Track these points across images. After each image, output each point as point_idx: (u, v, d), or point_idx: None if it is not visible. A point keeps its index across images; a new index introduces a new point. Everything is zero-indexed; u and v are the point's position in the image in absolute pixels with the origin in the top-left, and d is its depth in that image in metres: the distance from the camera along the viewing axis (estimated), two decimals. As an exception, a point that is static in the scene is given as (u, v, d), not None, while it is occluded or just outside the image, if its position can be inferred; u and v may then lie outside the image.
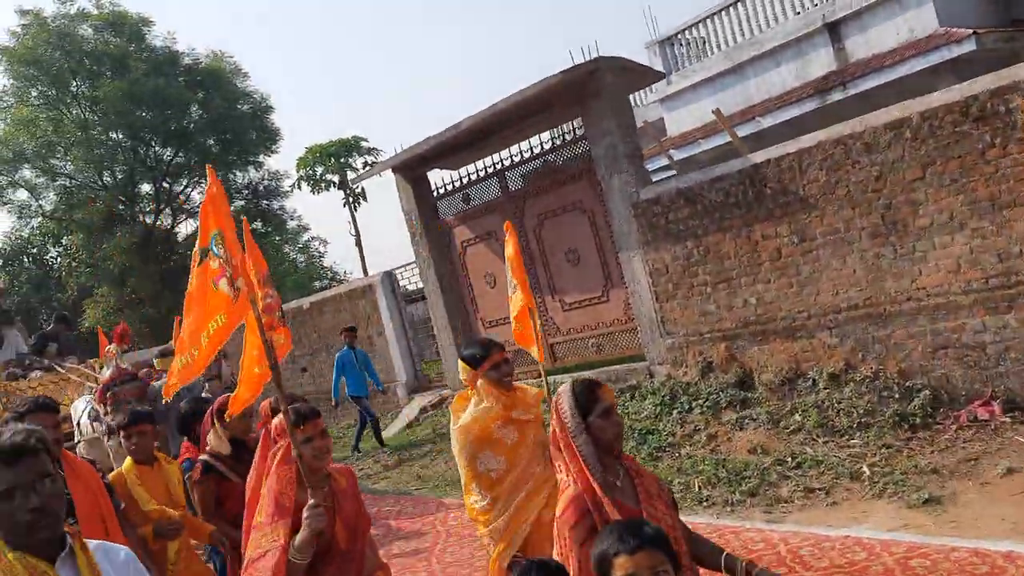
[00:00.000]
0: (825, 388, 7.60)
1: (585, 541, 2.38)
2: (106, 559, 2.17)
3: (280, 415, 3.25)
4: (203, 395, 8.58)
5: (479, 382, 3.80)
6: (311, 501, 2.99)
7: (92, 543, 2.17)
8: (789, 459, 6.86)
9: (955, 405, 6.90)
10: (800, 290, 7.93)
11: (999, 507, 5.34)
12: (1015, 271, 6.51)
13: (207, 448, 4.45)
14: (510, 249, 4.97)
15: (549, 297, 10.95)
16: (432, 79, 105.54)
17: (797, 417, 7.48)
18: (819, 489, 6.32)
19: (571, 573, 2.40)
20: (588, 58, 9.54)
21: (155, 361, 8.35)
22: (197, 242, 3.31)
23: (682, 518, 6.07)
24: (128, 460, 4.60)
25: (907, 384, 7.18)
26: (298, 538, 2.94)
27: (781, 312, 8.11)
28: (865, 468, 6.35)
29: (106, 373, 7.86)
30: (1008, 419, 6.50)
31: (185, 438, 5.15)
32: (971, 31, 10.51)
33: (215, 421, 4.44)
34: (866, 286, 7.45)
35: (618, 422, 2.65)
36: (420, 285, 13.81)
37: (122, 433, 4.61)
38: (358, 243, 32.04)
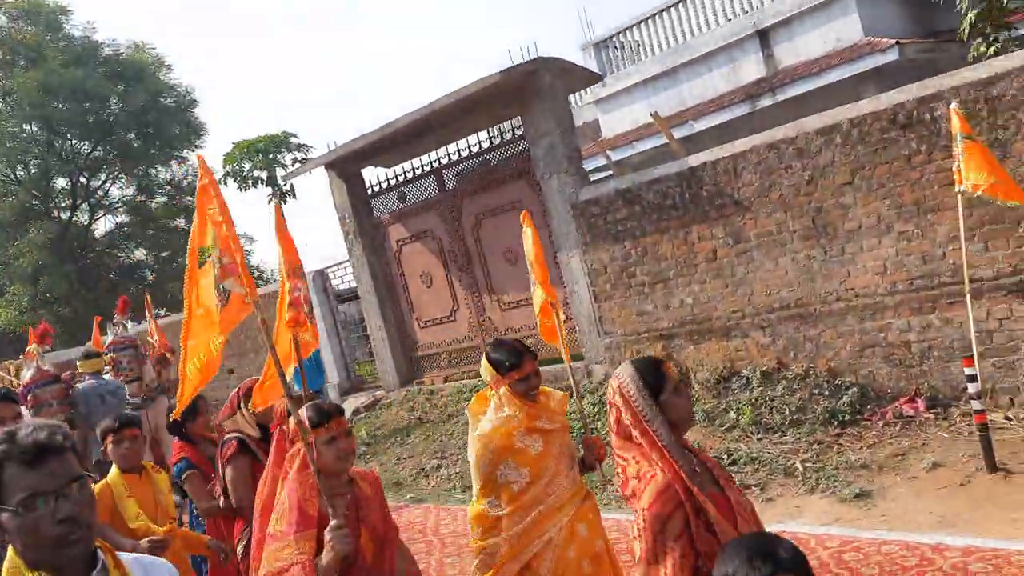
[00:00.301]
0: (758, 386, 7.78)
1: (680, 535, 2.20)
2: None
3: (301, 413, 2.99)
4: (128, 400, 8.28)
5: (502, 389, 3.47)
6: (334, 521, 2.69)
7: (127, 558, 1.87)
8: (725, 456, 6.99)
9: (882, 402, 7.14)
10: (734, 290, 8.09)
11: (926, 501, 5.55)
12: (938, 273, 6.78)
13: (231, 430, 4.21)
14: (529, 242, 4.60)
15: (487, 296, 10.93)
16: (366, 78, 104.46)
17: (732, 415, 7.64)
18: (754, 485, 6.45)
19: (667, 570, 2.20)
20: (527, 58, 9.56)
21: (78, 363, 8.01)
22: (193, 239, 3.01)
23: (622, 517, 6.10)
24: (114, 470, 4.22)
25: (836, 382, 7.41)
26: (323, 560, 2.67)
27: (716, 312, 8.26)
28: (798, 464, 6.53)
29: (27, 375, 7.51)
30: (932, 415, 6.77)
31: (175, 438, 4.86)
32: (894, 41, 10.91)
33: (241, 405, 4.20)
34: (797, 287, 7.66)
35: (689, 395, 2.46)
36: (353, 284, 13.62)
37: (110, 439, 4.23)
38: (286, 241, 31.37)
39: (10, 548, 1.74)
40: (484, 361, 3.58)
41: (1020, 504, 5.13)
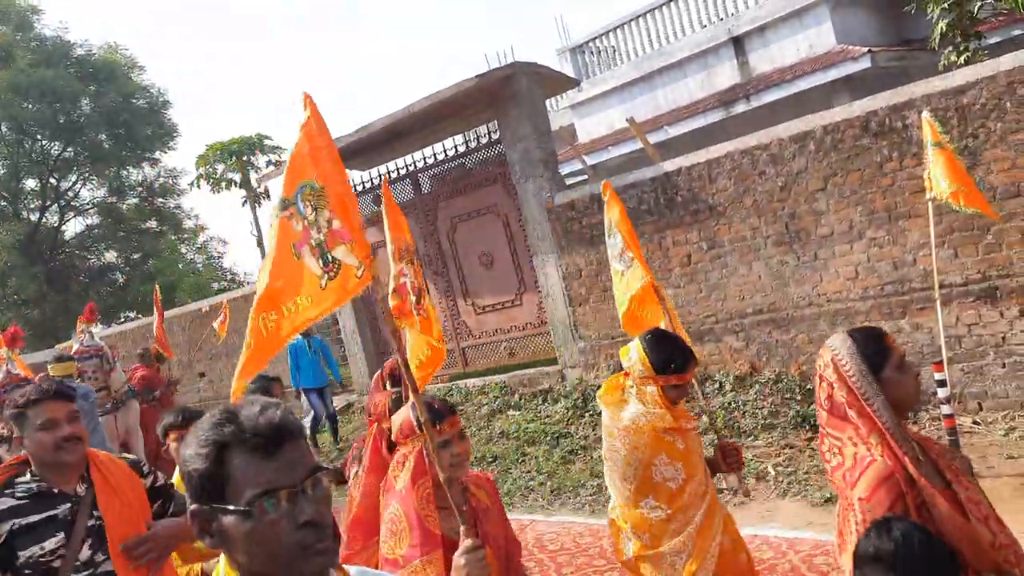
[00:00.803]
0: (732, 390, 7.82)
1: None
2: None
3: (407, 412, 2.52)
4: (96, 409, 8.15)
5: (651, 387, 3.03)
6: (469, 541, 2.13)
7: (353, 571, 1.54)
8: (698, 460, 7.02)
9: (853, 406, 7.19)
10: (708, 295, 8.13)
11: (896, 504, 5.59)
12: (908, 279, 6.85)
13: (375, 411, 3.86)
14: (616, 213, 4.09)
15: (462, 301, 10.90)
16: (343, 82, 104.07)
17: (705, 419, 7.65)
18: (727, 489, 6.48)
19: None
20: (504, 63, 9.56)
21: (49, 367, 7.87)
22: (282, 189, 2.51)
23: (595, 521, 6.08)
24: (178, 475, 3.79)
25: (808, 386, 7.45)
26: None
27: (690, 316, 8.29)
28: (770, 468, 6.56)
29: (-4, 378, 7.34)
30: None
31: None
32: (866, 49, 11.04)
33: (387, 386, 3.79)
34: (770, 292, 7.70)
35: (917, 373, 2.17)
36: (327, 288, 13.52)
37: (173, 435, 3.68)
38: (260, 244, 31.20)
39: (222, 560, 1.39)
40: (638, 350, 3.10)
41: (988, 507, 5.19)
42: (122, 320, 25.92)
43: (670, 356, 3.03)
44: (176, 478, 3.53)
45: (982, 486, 5.68)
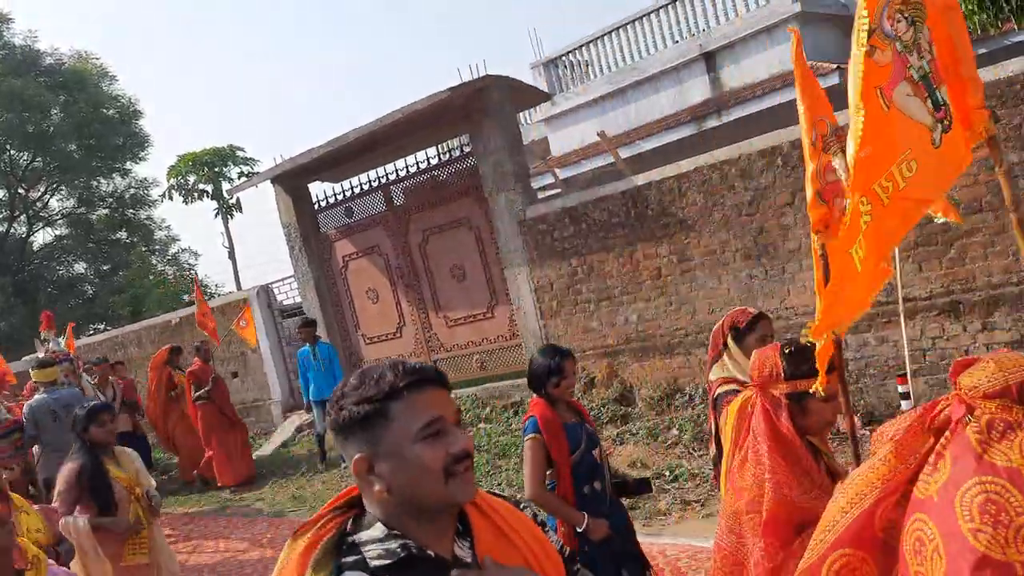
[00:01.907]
0: (701, 403, 7.86)
1: None
2: None
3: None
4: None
5: None
6: None
7: None
8: (667, 472, 7.03)
9: (820, 419, 7.25)
10: (678, 308, 8.18)
11: (861, 515, 5.63)
12: (874, 292, 6.94)
13: (717, 381, 3.10)
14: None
15: (433, 313, 10.87)
16: (319, 94, 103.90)
17: (674, 431, 7.69)
18: (695, 501, 6.49)
19: None
20: (477, 76, 9.59)
21: (31, 372, 7.65)
22: (857, 20, 1.67)
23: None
24: None
25: (777, 399, 7.50)
26: None
27: (660, 329, 8.34)
28: (739, 480, 6.58)
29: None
30: (867, 431, 6.89)
31: (535, 395, 3.76)
32: (836, 65, 11.20)
33: (729, 341, 3.08)
34: (739, 305, 7.73)
35: None
36: (298, 300, 13.44)
37: None
38: (231, 255, 31.02)
39: None
40: None
41: (951, 519, 5.23)
42: (91, 332, 25.54)
43: None
44: None
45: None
